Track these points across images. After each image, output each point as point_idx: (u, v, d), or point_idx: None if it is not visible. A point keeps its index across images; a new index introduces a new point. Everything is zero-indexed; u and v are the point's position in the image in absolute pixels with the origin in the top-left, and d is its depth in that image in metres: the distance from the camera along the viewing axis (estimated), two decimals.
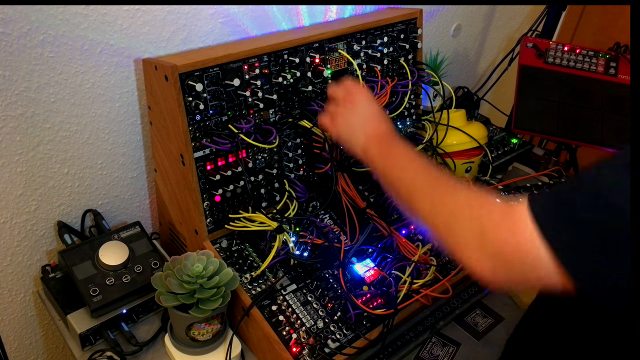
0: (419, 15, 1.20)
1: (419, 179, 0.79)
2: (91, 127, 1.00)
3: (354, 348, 0.88)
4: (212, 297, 0.83)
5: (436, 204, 0.73)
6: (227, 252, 0.96)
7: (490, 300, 1.09)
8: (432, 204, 0.73)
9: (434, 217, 0.72)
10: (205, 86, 0.90)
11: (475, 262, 0.64)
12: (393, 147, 0.87)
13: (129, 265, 0.96)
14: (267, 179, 1.02)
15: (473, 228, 0.65)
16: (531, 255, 0.58)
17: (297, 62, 1.01)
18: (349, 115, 0.92)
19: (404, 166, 0.83)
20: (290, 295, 0.93)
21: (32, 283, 1.07)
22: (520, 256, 0.60)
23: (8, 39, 0.84)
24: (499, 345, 0.99)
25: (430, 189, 0.76)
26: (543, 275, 0.58)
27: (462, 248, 0.66)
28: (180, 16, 1.01)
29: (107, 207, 1.10)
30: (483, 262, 0.64)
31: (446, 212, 0.70)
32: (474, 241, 0.65)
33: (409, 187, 0.79)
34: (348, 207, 1.06)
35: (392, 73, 1.18)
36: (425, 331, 1.00)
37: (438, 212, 0.72)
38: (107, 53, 0.95)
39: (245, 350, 0.93)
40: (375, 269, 0.99)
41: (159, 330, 0.96)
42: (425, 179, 0.78)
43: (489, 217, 0.64)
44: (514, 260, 0.61)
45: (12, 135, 0.91)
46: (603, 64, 1.44)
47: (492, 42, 1.87)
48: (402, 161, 0.84)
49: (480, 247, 0.64)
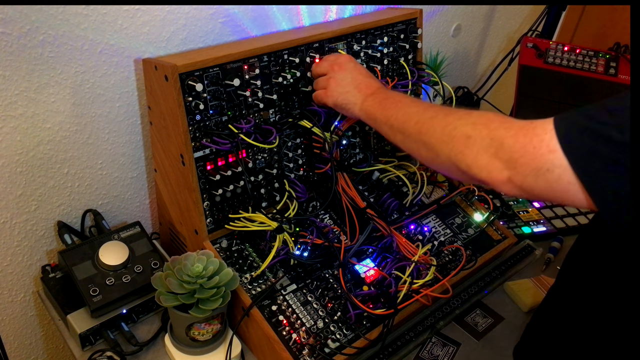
0: (419, 15, 1.20)
1: (428, 111, 0.79)
2: (91, 127, 1.00)
3: (354, 348, 0.88)
4: (212, 297, 0.83)
5: (450, 127, 0.72)
6: (227, 252, 0.96)
7: (490, 300, 1.09)
8: (445, 127, 0.73)
9: (448, 140, 0.72)
10: (205, 86, 0.90)
11: (493, 171, 0.65)
12: (391, 96, 0.89)
13: (129, 265, 0.96)
14: (267, 179, 1.02)
15: (492, 137, 0.66)
16: (548, 162, 0.60)
17: (297, 62, 1.01)
18: (340, 79, 0.94)
19: (408, 105, 0.83)
20: (290, 295, 0.93)
21: (32, 283, 1.07)
22: (537, 164, 0.61)
23: (8, 39, 0.84)
24: (499, 345, 0.99)
25: (443, 114, 0.75)
26: (558, 186, 0.60)
27: (479, 162, 0.67)
28: (180, 16, 1.01)
29: (107, 207, 1.10)
30: (501, 171, 0.65)
31: (462, 132, 0.70)
32: (492, 151, 0.66)
33: (418, 120, 0.78)
34: (348, 207, 1.06)
35: (392, 73, 1.18)
36: (425, 331, 1.00)
37: (453, 135, 0.71)
38: (107, 53, 0.95)
39: (245, 350, 0.93)
40: (375, 269, 0.99)
41: (159, 330, 0.96)
42: (435, 110, 0.78)
43: (507, 128, 0.65)
44: (531, 168, 0.62)
45: (12, 135, 0.91)
46: (603, 64, 1.44)
47: (492, 42, 1.87)
48: (405, 102, 0.85)
49: (497, 156, 0.65)
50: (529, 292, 1.08)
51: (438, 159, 0.74)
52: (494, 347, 0.99)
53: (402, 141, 0.82)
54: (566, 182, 0.59)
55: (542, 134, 0.61)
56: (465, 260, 1.06)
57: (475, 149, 0.67)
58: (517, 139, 0.63)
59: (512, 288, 1.10)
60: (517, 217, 1.31)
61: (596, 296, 0.78)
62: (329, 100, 0.96)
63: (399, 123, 0.82)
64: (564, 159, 0.59)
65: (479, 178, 0.68)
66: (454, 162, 0.71)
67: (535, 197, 0.65)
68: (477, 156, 0.67)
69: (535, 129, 0.62)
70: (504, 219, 1.29)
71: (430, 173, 1.20)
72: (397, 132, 0.83)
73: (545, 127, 0.61)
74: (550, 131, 0.60)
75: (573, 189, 0.59)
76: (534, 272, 1.16)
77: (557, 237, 1.26)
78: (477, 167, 0.67)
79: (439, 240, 1.10)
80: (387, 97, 0.89)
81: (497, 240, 1.16)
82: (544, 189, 0.62)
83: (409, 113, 0.81)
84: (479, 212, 1.19)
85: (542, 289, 1.09)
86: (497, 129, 0.66)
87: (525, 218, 1.31)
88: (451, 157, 0.71)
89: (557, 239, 1.25)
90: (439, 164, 0.75)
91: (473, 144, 0.68)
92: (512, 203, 1.35)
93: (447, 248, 1.10)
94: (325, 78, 0.97)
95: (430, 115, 0.77)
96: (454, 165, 0.71)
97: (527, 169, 0.62)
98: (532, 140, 0.62)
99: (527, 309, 1.06)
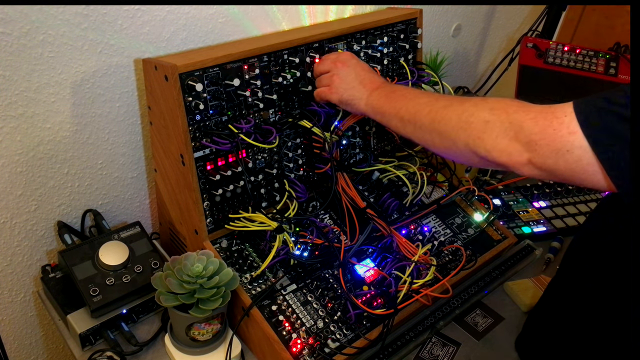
0: (419, 15, 1.20)
1: (439, 100, 0.79)
2: (91, 127, 1.00)
3: (354, 348, 0.88)
4: (212, 297, 0.83)
5: (467, 114, 0.72)
6: (227, 252, 0.96)
7: (490, 300, 1.09)
8: (461, 114, 0.73)
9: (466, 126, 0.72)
10: (205, 86, 0.90)
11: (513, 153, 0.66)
12: (397, 89, 0.89)
13: (129, 265, 0.96)
14: (267, 179, 1.02)
15: (511, 121, 0.66)
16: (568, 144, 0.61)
17: (297, 62, 1.01)
18: (344, 75, 0.94)
19: (417, 96, 0.84)
20: (290, 295, 0.93)
21: (32, 283, 1.07)
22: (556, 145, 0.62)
23: (8, 39, 0.84)
24: (499, 345, 0.99)
25: (457, 102, 0.76)
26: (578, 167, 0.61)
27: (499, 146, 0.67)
28: (180, 16, 1.01)
29: (107, 207, 1.10)
30: (521, 153, 0.65)
31: (480, 117, 0.70)
32: (512, 134, 0.66)
33: (431, 110, 0.78)
34: (348, 207, 1.06)
35: (392, 73, 1.18)
36: (425, 331, 1.00)
37: (470, 121, 0.71)
38: (107, 53, 0.96)
39: (245, 350, 0.93)
40: (375, 269, 0.99)
41: (159, 330, 0.96)
42: (447, 99, 0.79)
43: (526, 112, 0.66)
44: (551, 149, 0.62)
45: (12, 135, 0.91)
46: (603, 64, 1.44)
47: (492, 42, 1.87)
48: (413, 93, 0.86)
49: (516, 139, 0.66)
50: (529, 292, 1.08)
51: (454, 147, 0.74)
52: (494, 347, 0.99)
53: (413, 132, 0.82)
54: (585, 163, 0.60)
55: (562, 116, 0.62)
56: (465, 260, 1.06)
57: (495, 133, 0.68)
58: (537, 121, 0.64)
59: (512, 288, 1.10)
60: (517, 217, 1.31)
61: (598, 287, 0.78)
62: (334, 97, 0.95)
63: (410, 114, 0.81)
64: (583, 140, 0.60)
65: (499, 162, 0.68)
66: (472, 148, 0.71)
67: (556, 177, 0.66)
68: (497, 140, 0.67)
69: (555, 112, 0.63)
70: (504, 219, 1.29)
71: (430, 173, 1.20)
72: (408, 124, 0.82)
73: (565, 110, 0.62)
74: (570, 114, 0.61)
75: (592, 170, 0.60)
76: (534, 272, 1.16)
77: (557, 237, 1.26)
78: (497, 151, 0.68)
79: (439, 240, 1.10)
80: (393, 90, 0.89)
81: (497, 240, 1.16)
82: (564, 170, 0.63)
83: (419, 104, 0.81)
84: (479, 212, 1.19)
85: (542, 289, 1.09)
86: (516, 112, 0.67)
87: (525, 218, 1.31)
88: (469, 143, 0.71)
89: (557, 239, 1.25)
90: (455, 151, 0.75)
91: (492, 129, 0.68)
92: (512, 203, 1.35)
93: (447, 248, 1.10)
94: (329, 75, 0.97)
95: (444, 105, 0.77)
96: (471, 152, 0.71)
97: (547, 150, 0.63)
98: (552, 123, 0.62)
99: (527, 309, 1.06)
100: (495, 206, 1.31)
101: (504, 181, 1.45)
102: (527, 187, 1.40)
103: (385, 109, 0.87)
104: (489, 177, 1.45)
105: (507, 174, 1.49)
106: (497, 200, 1.35)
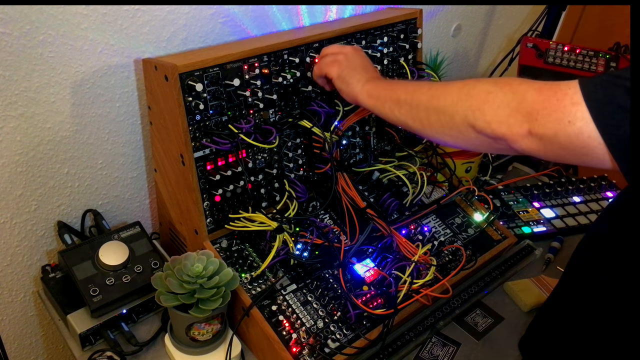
0: (419, 15, 1.20)
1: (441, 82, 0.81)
2: (91, 127, 1.00)
3: (354, 348, 0.88)
4: (212, 297, 0.83)
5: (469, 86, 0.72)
6: (227, 252, 0.96)
7: (490, 300, 1.09)
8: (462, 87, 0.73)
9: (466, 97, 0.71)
10: (205, 86, 0.90)
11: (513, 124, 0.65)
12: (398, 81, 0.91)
13: (129, 265, 0.96)
14: (267, 179, 1.02)
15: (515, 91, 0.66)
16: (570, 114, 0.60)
17: (297, 62, 1.01)
18: (351, 56, 0.95)
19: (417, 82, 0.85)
20: (290, 295, 0.93)
21: (32, 283, 1.07)
22: (558, 115, 0.62)
23: (8, 39, 0.84)
24: (499, 345, 0.99)
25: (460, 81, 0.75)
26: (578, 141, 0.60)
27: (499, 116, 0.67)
28: (180, 16, 1.01)
29: (107, 207, 1.10)
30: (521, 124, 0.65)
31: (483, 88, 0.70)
32: (514, 104, 0.66)
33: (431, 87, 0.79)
34: (348, 207, 1.06)
35: (392, 73, 1.18)
36: (425, 331, 1.00)
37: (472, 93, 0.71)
38: (107, 53, 0.96)
39: (245, 350, 0.93)
40: (375, 269, 0.99)
41: (159, 330, 0.96)
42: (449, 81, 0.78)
43: (530, 84, 0.66)
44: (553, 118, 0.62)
45: (12, 135, 0.91)
46: (603, 64, 1.44)
47: (492, 42, 1.87)
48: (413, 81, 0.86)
49: (518, 109, 0.65)
50: (529, 292, 1.08)
51: (451, 122, 0.74)
52: (494, 347, 0.99)
53: (408, 112, 0.81)
54: (586, 137, 0.60)
55: (566, 88, 0.62)
56: (465, 260, 1.06)
57: (497, 103, 0.67)
58: (541, 92, 0.64)
59: (512, 288, 1.10)
60: (517, 217, 1.30)
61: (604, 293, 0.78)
62: (334, 70, 0.94)
63: (409, 93, 0.81)
64: (586, 112, 0.59)
65: (498, 134, 0.67)
66: (471, 121, 0.70)
67: (553, 153, 0.65)
68: (498, 110, 0.67)
69: (560, 85, 0.63)
70: (504, 219, 1.29)
71: (430, 173, 1.20)
72: (404, 104, 0.81)
73: (570, 84, 0.62)
74: (575, 87, 0.61)
75: (593, 144, 0.59)
76: (534, 272, 1.16)
77: (557, 237, 1.26)
78: (496, 122, 0.67)
79: (439, 240, 1.10)
80: (393, 81, 0.91)
81: (497, 240, 1.16)
82: (563, 144, 0.62)
83: (420, 85, 0.82)
84: (479, 212, 1.19)
85: (542, 289, 1.09)
86: (520, 84, 0.67)
87: (525, 218, 1.31)
88: (468, 115, 0.70)
89: (557, 239, 1.25)
90: (451, 128, 0.74)
91: (494, 98, 0.68)
92: (512, 203, 1.35)
93: (447, 248, 1.10)
94: (335, 52, 0.97)
95: (445, 83, 0.78)
96: (468, 126, 0.71)
97: (549, 120, 0.62)
98: (556, 93, 0.63)
99: (527, 309, 1.06)
100: (495, 206, 1.31)
101: (504, 181, 1.45)
102: (527, 187, 1.40)
103: (381, 93, 0.86)
104: (489, 177, 1.45)
105: (507, 174, 1.49)
106: (497, 201, 1.35)
